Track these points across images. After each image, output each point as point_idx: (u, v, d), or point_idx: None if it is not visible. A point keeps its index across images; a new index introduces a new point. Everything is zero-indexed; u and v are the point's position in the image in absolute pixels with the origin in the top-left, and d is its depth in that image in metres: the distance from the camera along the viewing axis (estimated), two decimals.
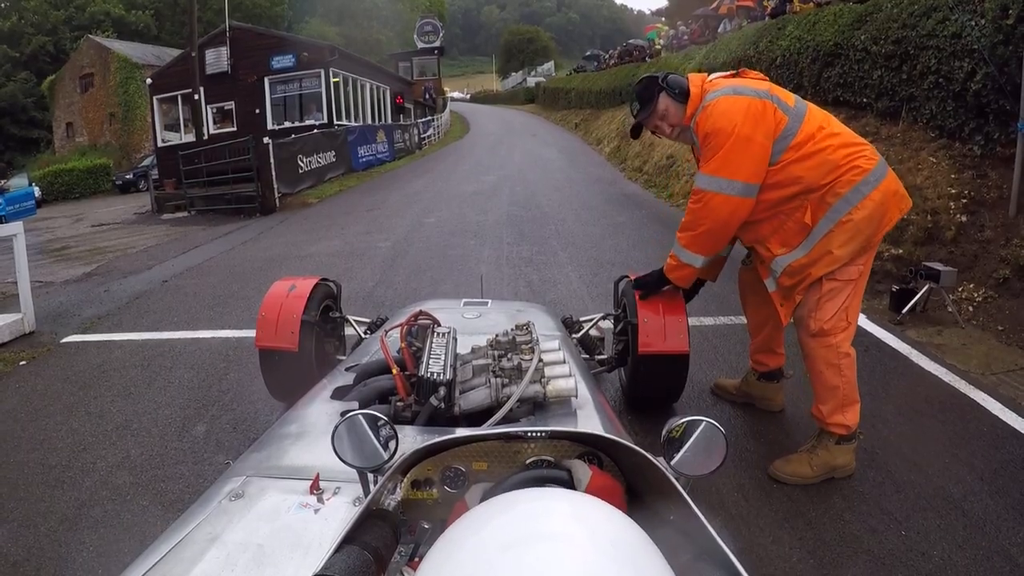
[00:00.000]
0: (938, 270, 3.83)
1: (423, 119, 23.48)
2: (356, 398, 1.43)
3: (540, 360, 1.38)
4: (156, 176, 15.77)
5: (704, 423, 0.87)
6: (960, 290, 4.09)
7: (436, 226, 7.85)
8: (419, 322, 1.62)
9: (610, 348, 2.94)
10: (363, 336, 2.78)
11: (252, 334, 2.73)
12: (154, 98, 17.01)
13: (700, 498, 0.74)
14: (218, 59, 15.78)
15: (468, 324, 2.08)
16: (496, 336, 1.52)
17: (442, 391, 1.31)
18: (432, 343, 1.46)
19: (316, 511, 0.99)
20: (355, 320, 2.99)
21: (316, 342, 2.67)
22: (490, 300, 2.48)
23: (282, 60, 15.87)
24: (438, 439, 0.91)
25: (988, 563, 1.94)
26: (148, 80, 17.93)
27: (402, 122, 20.91)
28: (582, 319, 2.99)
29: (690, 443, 0.86)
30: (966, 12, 4.47)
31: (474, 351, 1.52)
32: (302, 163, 12.65)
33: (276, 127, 15.39)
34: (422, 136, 21.30)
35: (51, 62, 32.39)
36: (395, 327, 1.62)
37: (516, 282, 5.20)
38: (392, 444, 0.89)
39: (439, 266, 5.87)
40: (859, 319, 2.58)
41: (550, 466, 0.91)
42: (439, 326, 1.59)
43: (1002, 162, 4.43)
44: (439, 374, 1.33)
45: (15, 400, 3.50)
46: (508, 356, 1.43)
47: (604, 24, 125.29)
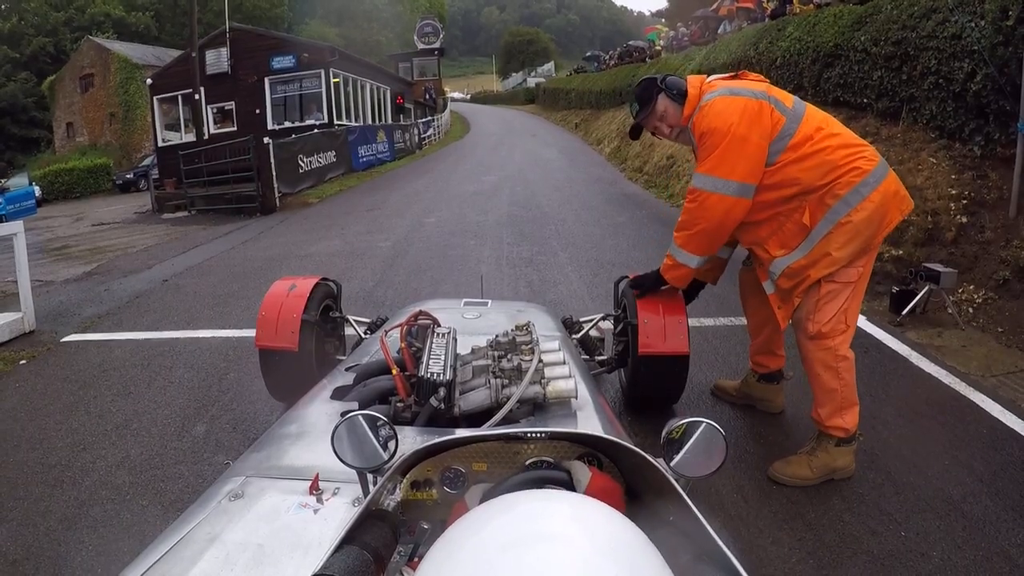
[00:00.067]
0: (938, 271, 3.82)
1: (423, 119, 23.49)
2: (356, 398, 1.43)
3: (540, 361, 1.38)
4: (156, 176, 15.83)
5: (704, 424, 0.87)
6: (960, 291, 4.09)
7: (436, 226, 7.84)
8: (419, 322, 1.62)
9: (610, 349, 2.94)
10: (363, 336, 2.78)
11: (252, 334, 2.73)
12: (154, 98, 17.03)
13: (700, 499, 0.74)
14: (218, 59, 15.79)
15: (468, 324, 2.08)
16: (496, 337, 1.52)
17: (442, 392, 1.31)
18: (432, 343, 1.46)
19: (316, 511, 0.99)
20: (355, 320, 2.98)
21: (316, 342, 2.67)
22: (490, 300, 2.48)
23: (282, 61, 15.89)
24: (438, 440, 0.91)
25: (988, 564, 1.94)
26: (148, 80, 17.95)
27: (402, 122, 20.91)
28: (582, 320, 2.99)
29: (690, 444, 0.86)
30: (966, 13, 4.48)
31: (474, 351, 1.52)
32: (302, 163, 12.66)
33: (276, 127, 15.39)
34: (422, 136, 21.29)
35: (51, 63, 32.44)
36: (395, 327, 1.62)
37: (516, 282, 5.20)
38: (392, 445, 0.90)
39: (439, 266, 5.87)
40: (859, 320, 2.58)
41: (550, 467, 0.91)
42: (439, 326, 1.58)
43: (1002, 163, 4.42)
44: (439, 375, 1.33)
45: (15, 399, 3.50)
46: (508, 357, 1.43)
47: (604, 25, 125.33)
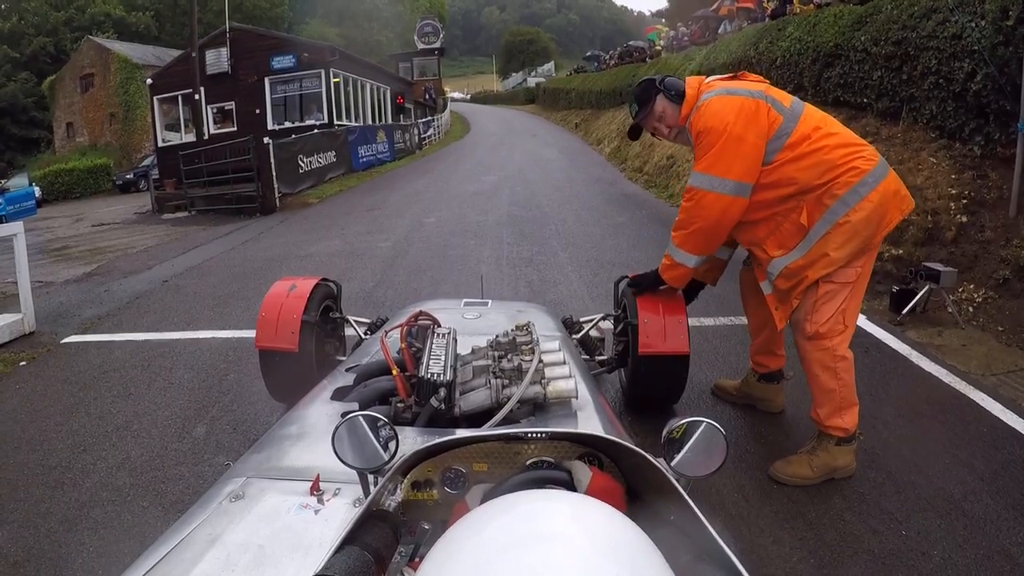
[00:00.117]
0: (938, 271, 3.83)
1: (423, 119, 23.49)
2: (356, 399, 1.43)
3: (540, 361, 1.38)
4: (156, 176, 15.82)
5: (704, 424, 0.87)
6: (960, 291, 4.09)
7: (436, 226, 7.84)
8: (419, 323, 1.62)
9: (610, 349, 2.94)
10: (363, 337, 2.77)
11: (252, 334, 2.73)
12: (154, 98, 17.02)
13: (700, 499, 0.74)
14: (218, 59, 15.79)
15: (468, 325, 2.08)
16: (496, 337, 1.52)
17: (442, 392, 1.31)
18: (432, 344, 1.46)
19: (316, 512, 0.99)
20: (355, 320, 2.98)
21: (316, 343, 2.67)
22: (490, 300, 2.48)
23: (282, 60, 15.89)
24: (438, 440, 0.91)
25: (988, 563, 1.94)
26: (148, 80, 17.94)
27: (402, 122, 20.91)
28: (582, 320, 2.99)
29: (690, 444, 0.86)
30: (966, 13, 4.48)
31: (474, 352, 1.52)
32: (302, 163, 12.66)
33: (276, 127, 15.39)
34: (422, 136, 21.29)
35: (51, 63, 32.43)
36: (395, 328, 1.62)
37: (516, 282, 5.20)
38: (392, 445, 0.90)
39: (439, 266, 5.87)
40: (859, 320, 2.58)
41: (550, 467, 0.91)
42: (439, 327, 1.58)
43: (1002, 162, 4.42)
44: (439, 375, 1.32)
45: (15, 401, 3.50)
46: (508, 357, 1.42)
47: (604, 25, 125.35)
